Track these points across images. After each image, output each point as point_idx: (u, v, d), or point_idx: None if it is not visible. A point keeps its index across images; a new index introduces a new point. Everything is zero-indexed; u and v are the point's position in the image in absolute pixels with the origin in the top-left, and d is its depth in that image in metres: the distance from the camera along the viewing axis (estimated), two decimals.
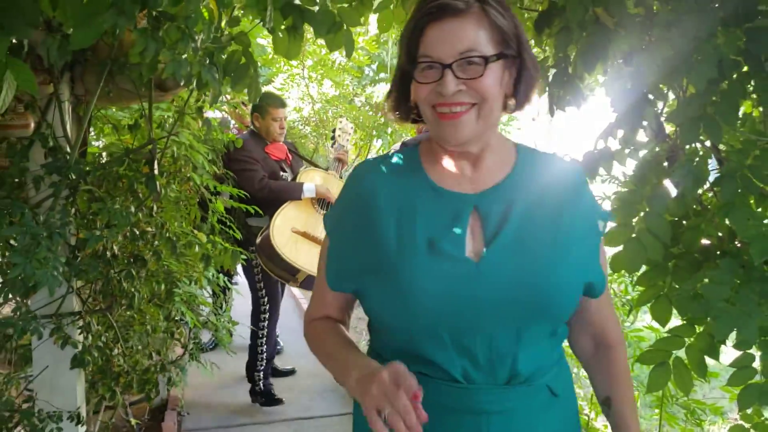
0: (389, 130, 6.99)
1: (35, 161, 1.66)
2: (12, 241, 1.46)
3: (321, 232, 3.65)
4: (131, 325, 1.90)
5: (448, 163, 1.23)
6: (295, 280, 3.76)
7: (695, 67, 1.59)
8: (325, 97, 7.03)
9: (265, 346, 4.17)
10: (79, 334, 1.69)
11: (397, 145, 5.26)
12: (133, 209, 1.56)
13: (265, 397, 4.10)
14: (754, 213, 1.64)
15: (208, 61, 1.37)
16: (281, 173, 4.12)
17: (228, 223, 2.99)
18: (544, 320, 1.18)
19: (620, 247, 1.88)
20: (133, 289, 1.68)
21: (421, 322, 1.14)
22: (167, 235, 1.74)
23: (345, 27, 1.61)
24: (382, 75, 6.56)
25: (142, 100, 1.69)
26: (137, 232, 1.67)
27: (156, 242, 1.74)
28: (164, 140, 1.77)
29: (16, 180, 1.60)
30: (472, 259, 1.14)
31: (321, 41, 4.53)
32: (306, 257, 3.75)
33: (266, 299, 4.13)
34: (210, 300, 3.29)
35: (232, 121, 5.21)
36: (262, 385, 4.13)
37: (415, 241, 1.15)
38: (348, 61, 6.25)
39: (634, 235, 1.77)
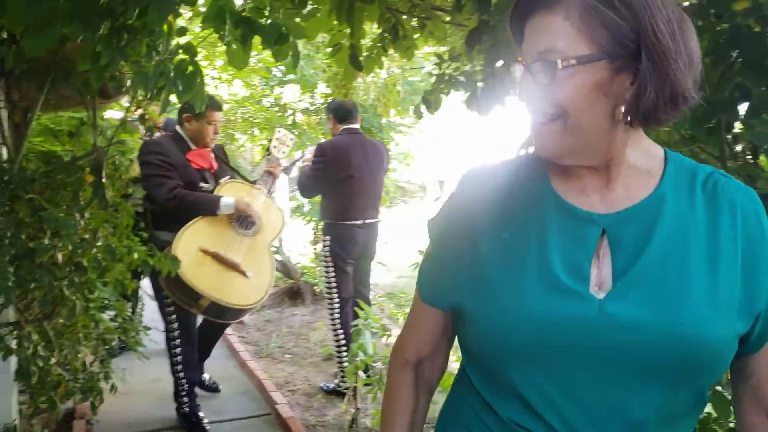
0: (296, 132, 7.02)
1: None
2: None
3: (236, 254, 3.48)
4: (62, 334, 1.88)
5: (577, 175, 1.01)
6: (198, 306, 3.34)
7: None
8: (235, 98, 6.99)
9: (183, 373, 3.86)
10: (17, 345, 1.67)
11: (311, 149, 5.20)
12: (78, 217, 1.56)
13: (189, 425, 3.89)
14: None
15: (171, 74, 1.40)
16: (202, 184, 3.69)
17: (138, 228, 2.90)
18: (684, 383, 0.93)
19: None
20: (74, 297, 1.68)
21: (518, 360, 0.95)
22: (106, 242, 1.74)
23: (291, 39, 1.68)
24: (290, 76, 6.58)
25: (87, 107, 1.69)
26: (78, 240, 1.67)
27: (94, 249, 1.74)
28: (109, 147, 1.77)
29: None
30: (595, 295, 0.93)
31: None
32: (212, 281, 3.34)
33: (176, 325, 3.79)
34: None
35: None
36: (187, 408, 3.91)
37: (526, 261, 0.96)
38: (258, 61, 6.25)
39: None
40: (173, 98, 1.58)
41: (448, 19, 2.28)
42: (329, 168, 4.48)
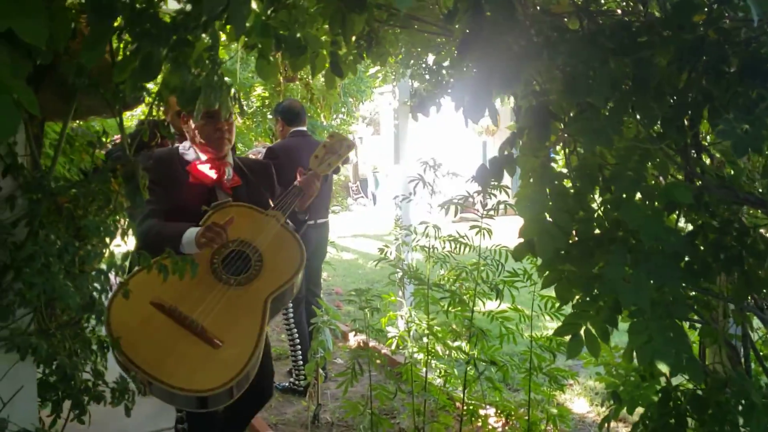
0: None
1: None
2: None
3: (204, 312, 2.44)
4: (89, 340, 1.92)
5: None
6: (143, 383, 2.20)
7: (594, 88, 1.95)
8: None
9: None
10: (49, 350, 1.70)
11: (259, 148, 5.24)
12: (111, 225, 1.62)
13: None
14: (638, 205, 2.03)
15: (227, 88, 1.48)
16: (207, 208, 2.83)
17: None
18: None
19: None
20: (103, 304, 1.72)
21: None
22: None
23: (309, 50, 1.78)
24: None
25: (109, 117, 1.74)
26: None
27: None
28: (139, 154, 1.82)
29: None
30: None
31: None
32: (154, 351, 2.32)
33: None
34: None
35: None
36: None
37: None
38: None
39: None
40: None
41: (433, 28, 2.43)
42: (282, 170, 4.56)
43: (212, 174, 2.92)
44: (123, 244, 1.82)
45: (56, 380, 1.71)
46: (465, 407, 3.68)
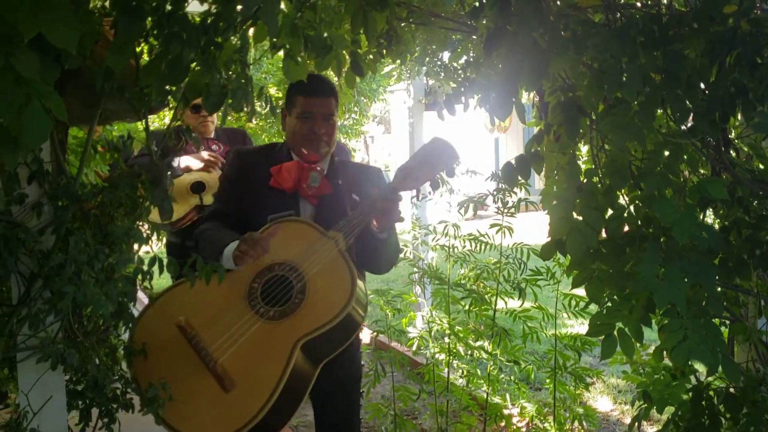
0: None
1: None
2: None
3: (223, 346, 2.08)
4: (116, 347, 1.90)
5: None
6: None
7: (626, 83, 1.91)
8: None
9: None
10: (81, 360, 1.68)
11: None
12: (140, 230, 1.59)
13: None
14: (671, 202, 1.99)
15: (256, 91, 1.46)
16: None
17: None
18: None
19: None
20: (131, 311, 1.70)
21: None
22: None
23: (334, 49, 1.75)
24: None
25: (140, 119, 1.72)
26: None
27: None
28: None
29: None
30: None
31: None
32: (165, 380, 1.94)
33: None
34: None
35: None
36: None
37: None
38: None
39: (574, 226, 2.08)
40: None
41: (452, 25, 2.40)
42: None
43: (293, 182, 2.40)
44: (150, 250, 1.80)
45: (85, 388, 1.68)
46: (488, 407, 3.64)
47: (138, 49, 1.63)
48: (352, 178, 2.53)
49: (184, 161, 3.81)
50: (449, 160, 2.33)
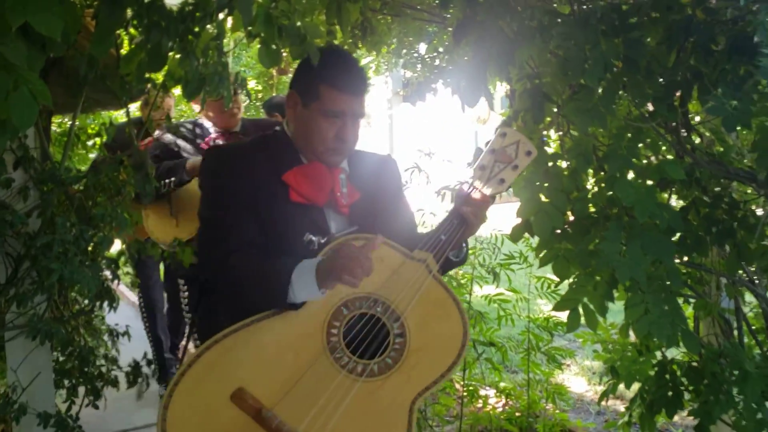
0: None
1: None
2: None
3: (316, 419, 1.50)
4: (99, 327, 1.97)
5: None
6: None
7: (588, 70, 2.00)
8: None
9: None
10: (69, 337, 1.75)
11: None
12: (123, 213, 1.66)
13: None
14: (633, 183, 2.09)
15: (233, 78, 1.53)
16: (308, 237, 1.78)
17: None
18: None
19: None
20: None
21: None
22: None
23: (308, 38, 1.83)
24: None
25: (122, 107, 1.78)
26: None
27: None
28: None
29: None
30: None
31: None
32: None
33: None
34: None
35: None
36: None
37: None
38: None
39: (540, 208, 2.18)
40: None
41: (425, 16, 2.48)
42: None
43: (319, 190, 1.82)
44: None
45: (72, 366, 1.75)
46: (465, 389, 3.74)
47: (118, 40, 1.70)
48: (371, 174, 1.99)
49: (192, 162, 2.94)
50: (527, 158, 1.96)
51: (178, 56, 1.53)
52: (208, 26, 1.53)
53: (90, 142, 1.98)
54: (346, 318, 1.65)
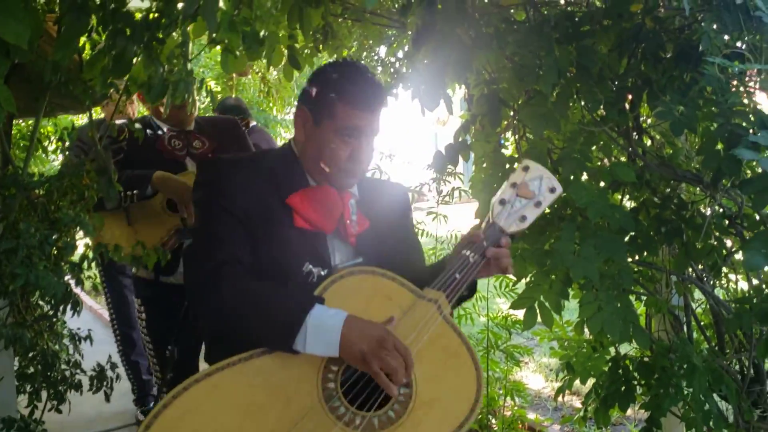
0: None
1: None
2: None
3: None
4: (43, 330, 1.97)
5: None
6: None
7: (542, 76, 2.07)
8: None
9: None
10: (31, 342, 1.75)
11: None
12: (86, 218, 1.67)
13: None
14: (586, 185, 2.17)
15: (197, 82, 1.55)
16: (312, 269, 1.65)
17: None
18: None
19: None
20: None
21: None
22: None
23: (267, 43, 1.86)
24: None
25: (84, 111, 1.79)
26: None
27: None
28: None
29: None
30: None
31: None
32: None
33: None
34: None
35: None
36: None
37: None
38: None
39: None
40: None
41: (385, 21, 2.53)
42: None
43: (328, 216, 1.66)
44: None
45: (35, 371, 1.76)
46: None
47: (80, 44, 1.71)
48: (380, 202, 1.85)
49: (159, 175, 2.68)
50: (551, 196, 1.82)
51: (140, 61, 1.55)
52: (173, 33, 1.55)
53: (51, 147, 1.96)
54: (345, 363, 1.46)
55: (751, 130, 1.77)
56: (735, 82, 1.96)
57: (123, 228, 2.47)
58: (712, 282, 2.44)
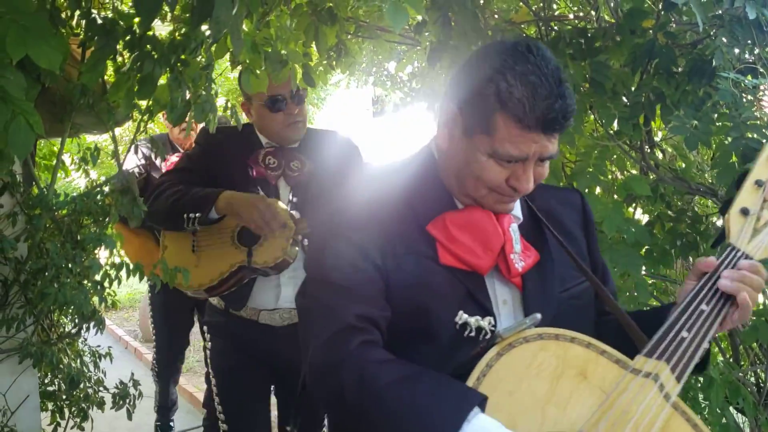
0: None
1: None
2: None
3: None
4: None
5: None
6: None
7: None
8: None
9: None
10: (55, 360, 1.77)
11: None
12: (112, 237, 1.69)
13: None
14: (601, 199, 2.19)
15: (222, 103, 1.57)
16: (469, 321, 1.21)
17: None
18: None
19: None
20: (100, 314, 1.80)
21: None
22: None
23: (290, 63, 1.89)
24: None
25: (107, 131, 1.82)
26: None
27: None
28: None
29: None
30: None
31: None
32: None
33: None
34: None
35: None
36: None
37: None
38: None
39: None
40: None
41: (397, 38, 2.56)
42: None
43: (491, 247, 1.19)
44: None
45: (59, 388, 1.77)
46: None
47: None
48: (552, 221, 1.31)
49: (227, 197, 2.16)
50: None
51: (164, 82, 1.57)
52: (200, 56, 1.58)
53: (72, 167, 1.98)
54: None
55: (765, 143, 1.78)
56: (748, 96, 1.98)
57: (187, 255, 2.11)
58: None
